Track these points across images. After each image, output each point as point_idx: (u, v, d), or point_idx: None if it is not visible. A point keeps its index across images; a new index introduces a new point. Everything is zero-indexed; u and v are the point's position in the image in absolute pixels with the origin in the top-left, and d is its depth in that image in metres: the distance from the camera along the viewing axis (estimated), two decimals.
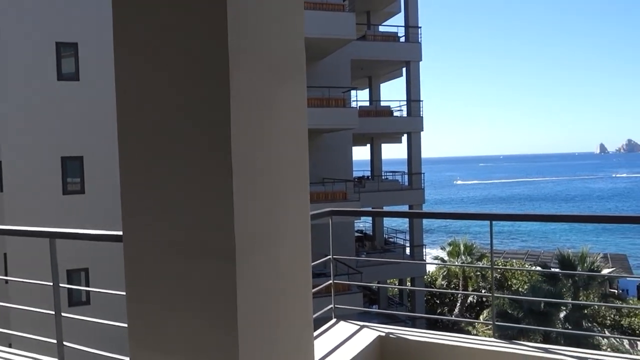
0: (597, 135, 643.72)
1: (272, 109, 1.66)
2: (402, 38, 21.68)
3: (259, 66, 1.58)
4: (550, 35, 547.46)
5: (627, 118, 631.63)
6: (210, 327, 1.52)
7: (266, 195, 1.62)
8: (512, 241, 57.21)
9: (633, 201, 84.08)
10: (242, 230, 1.50)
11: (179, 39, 1.52)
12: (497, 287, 27.18)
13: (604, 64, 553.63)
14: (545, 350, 2.97)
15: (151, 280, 1.61)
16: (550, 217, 3.43)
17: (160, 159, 1.57)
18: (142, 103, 1.59)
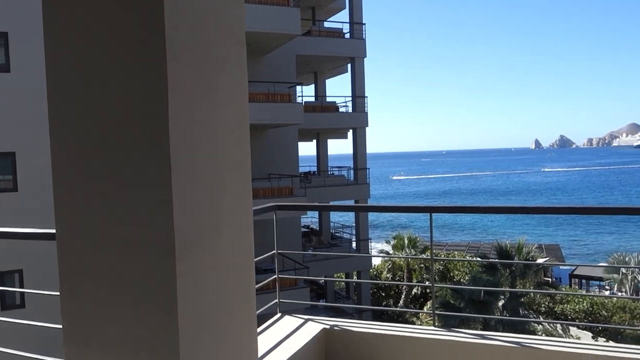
0: (533, 132, 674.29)
1: (212, 101, 1.63)
2: (347, 34, 21.86)
3: (197, 57, 1.55)
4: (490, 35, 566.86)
5: (559, 115, 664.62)
6: (150, 324, 1.48)
7: (206, 189, 1.60)
8: (454, 234, 59.07)
9: (564, 194, 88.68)
10: (182, 224, 1.47)
11: (114, 29, 1.47)
12: (440, 278, 27.99)
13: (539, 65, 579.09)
14: (482, 337, 3.09)
15: (87, 277, 1.55)
16: (486, 208, 3.58)
17: (95, 153, 1.51)
18: (75, 95, 1.53)
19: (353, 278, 23.16)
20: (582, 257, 46.86)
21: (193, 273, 1.52)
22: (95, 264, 1.54)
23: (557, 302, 25.88)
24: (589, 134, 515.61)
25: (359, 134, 21.91)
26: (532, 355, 2.94)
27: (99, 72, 1.50)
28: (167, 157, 1.43)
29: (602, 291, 32.47)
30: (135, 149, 1.47)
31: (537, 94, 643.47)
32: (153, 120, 1.44)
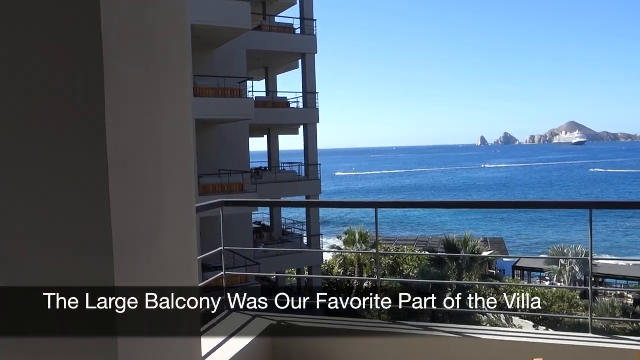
0: (479, 129, 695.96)
1: (153, 97, 1.60)
2: (298, 30, 21.84)
3: (136, 52, 1.52)
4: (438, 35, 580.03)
5: (504, 113, 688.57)
6: (87, 326, 1.45)
7: (147, 186, 1.57)
8: (404, 229, 60.23)
9: (508, 190, 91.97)
10: (120, 222, 1.44)
11: (47, 23, 1.41)
12: (390, 272, 28.52)
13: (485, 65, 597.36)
14: (425, 328, 3.19)
15: (23, 279, 1.50)
16: (428, 203, 3.68)
17: (32, 151, 1.45)
18: (8, 92, 1.46)
19: (304, 274, 23.25)
20: (525, 249, 48.81)
21: (132, 272, 1.49)
22: (30, 265, 1.49)
23: (501, 293, 26.82)
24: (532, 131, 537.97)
25: (310, 130, 21.97)
26: (472, 344, 3.06)
27: (32, 69, 1.44)
28: (104, 156, 1.39)
29: (543, 282, 33.98)
30: (70, 147, 1.42)
31: (483, 93, 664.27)
32: (89, 117, 1.40)
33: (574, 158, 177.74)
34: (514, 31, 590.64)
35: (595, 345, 2.85)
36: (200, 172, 16.98)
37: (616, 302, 26.71)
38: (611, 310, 25.18)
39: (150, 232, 1.58)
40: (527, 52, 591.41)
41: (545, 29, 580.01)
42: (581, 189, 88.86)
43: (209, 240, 16.68)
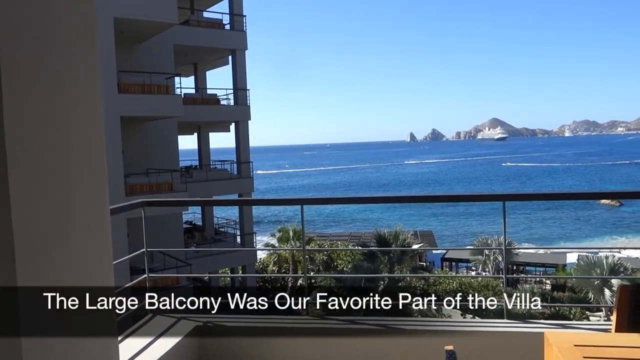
0: (408, 126, 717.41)
1: (58, 92, 1.52)
2: (227, 26, 21.50)
3: (38, 43, 1.43)
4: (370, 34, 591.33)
5: (432, 110, 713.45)
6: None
7: (53, 187, 1.49)
8: (337, 225, 61.00)
9: (437, 184, 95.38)
10: (23, 227, 1.36)
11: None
12: (324, 268, 28.80)
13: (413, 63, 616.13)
14: (352, 322, 3.25)
15: None
16: (353, 199, 3.74)
17: None
18: None
19: (238, 273, 23.01)
20: (452, 241, 50.81)
21: (39, 279, 1.42)
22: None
23: (431, 284, 27.73)
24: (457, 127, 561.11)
25: (242, 127, 21.72)
26: (396, 334, 3.15)
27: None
28: (3, 156, 1.31)
29: (469, 272, 35.54)
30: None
31: (412, 90, 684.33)
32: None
33: (497, 153, 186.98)
34: (439, 30, 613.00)
35: (507, 330, 3.02)
36: (126, 171, 16.37)
37: (535, 289, 28.44)
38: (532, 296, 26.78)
39: (58, 233, 1.51)
40: (452, 50, 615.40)
41: (469, 27, 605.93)
42: (504, 182, 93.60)
43: (139, 241, 16.11)
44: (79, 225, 1.60)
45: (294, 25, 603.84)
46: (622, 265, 24.68)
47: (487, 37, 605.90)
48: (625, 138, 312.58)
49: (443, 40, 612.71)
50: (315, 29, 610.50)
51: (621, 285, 2.05)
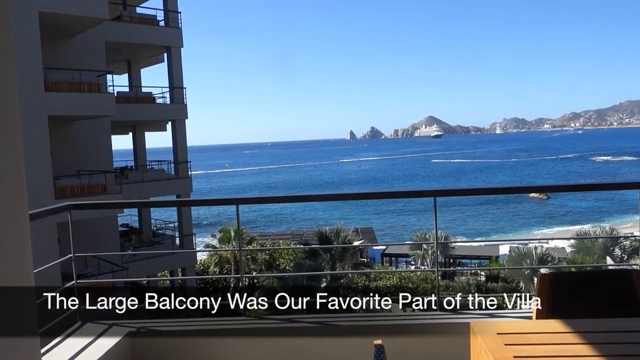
0: (348, 124, 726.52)
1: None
2: (162, 22, 20.92)
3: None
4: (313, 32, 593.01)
5: (370, 109, 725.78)
6: None
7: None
8: (280, 223, 60.90)
9: (377, 182, 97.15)
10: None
11: None
12: (267, 267, 28.65)
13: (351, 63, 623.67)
14: (289, 321, 3.24)
15: None
16: (290, 197, 3.73)
17: None
18: None
19: (178, 275, 22.48)
20: (392, 237, 51.93)
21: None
22: None
23: (372, 280, 28.16)
24: (395, 125, 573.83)
25: (179, 127, 21.21)
26: (333, 331, 3.17)
27: None
28: None
29: (409, 266, 36.42)
30: None
31: (351, 88, 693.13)
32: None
33: (434, 150, 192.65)
34: (377, 30, 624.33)
35: (437, 321, 3.11)
36: (56, 173, 15.60)
37: (471, 280, 29.53)
38: (467, 287, 27.78)
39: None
40: (389, 50, 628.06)
41: (406, 27, 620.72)
42: (441, 178, 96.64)
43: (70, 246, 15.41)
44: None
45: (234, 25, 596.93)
46: (549, 255, 26.09)
47: (423, 36, 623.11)
48: (551, 135, 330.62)
49: (381, 41, 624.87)
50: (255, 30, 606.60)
51: (541, 274, 2.16)
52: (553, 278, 2.16)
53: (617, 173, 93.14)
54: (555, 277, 2.18)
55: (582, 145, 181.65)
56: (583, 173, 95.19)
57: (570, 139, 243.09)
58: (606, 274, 2.31)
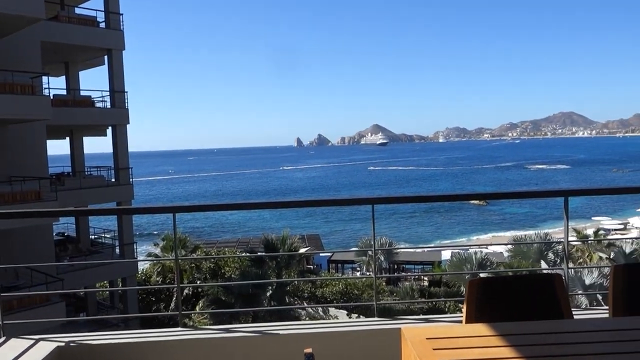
0: (295, 131, 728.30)
1: None
2: (102, 24, 20.23)
3: None
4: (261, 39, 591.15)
5: (317, 116, 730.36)
6: None
7: None
8: (225, 231, 60.07)
9: (325, 190, 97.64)
10: None
11: None
12: (212, 276, 28.12)
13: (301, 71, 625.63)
14: (227, 331, 3.18)
15: None
16: (229, 205, 3.68)
17: None
18: None
19: (118, 286, 21.72)
20: (339, 244, 52.27)
21: None
22: None
23: (318, 286, 28.21)
24: (342, 133, 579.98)
25: (119, 132, 20.52)
26: (271, 341, 3.14)
27: None
28: None
29: (354, 272, 36.77)
30: None
31: (299, 96, 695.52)
32: None
33: (379, 157, 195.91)
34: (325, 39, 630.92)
35: (371, 327, 3.14)
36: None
37: (414, 286, 30.12)
38: (411, 292, 28.32)
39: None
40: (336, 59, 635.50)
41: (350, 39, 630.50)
42: (385, 186, 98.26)
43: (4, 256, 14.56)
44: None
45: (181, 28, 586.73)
46: (488, 260, 27.03)
47: (368, 46, 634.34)
48: (490, 144, 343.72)
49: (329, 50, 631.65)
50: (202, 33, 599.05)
51: (470, 280, 2.23)
52: (481, 283, 2.24)
53: (551, 180, 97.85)
54: (483, 282, 2.26)
55: (519, 154, 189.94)
56: (519, 181, 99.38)
57: (508, 148, 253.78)
58: (531, 278, 2.42)
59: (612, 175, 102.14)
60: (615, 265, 2.39)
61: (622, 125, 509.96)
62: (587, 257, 29.04)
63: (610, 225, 45.58)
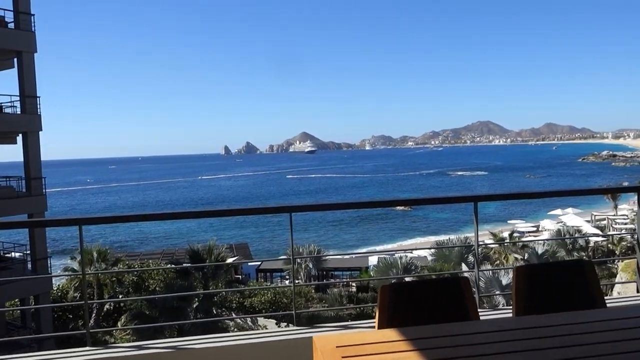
0: (223, 138, 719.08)
1: None
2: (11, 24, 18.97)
3: None
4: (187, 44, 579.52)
5: (246, 123, 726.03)
6: None
7: None
8: (149, 242, 58.01)
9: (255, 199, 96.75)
10: None
11: None
12: (135, 289, 26.97)
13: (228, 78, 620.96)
14: (139, 348, 3.03)
15: None
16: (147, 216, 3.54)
17: None
18: None
19: (31, 304, 20.31)
20: (268, 252, 51.90)
21: None
22: None
23: (247, 296, 27.82)
24: (271, 141, 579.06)
25: (31, 139, 19.26)
26: (185, 356, 3.03)
27: None
28: None
29: (283, 281, 36.61)
30: None
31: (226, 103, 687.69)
32: None
33: (308, 165, 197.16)
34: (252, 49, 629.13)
35: (290, 337, 3.12)
36: None
37: (343, 292, 30.45)
38: (339, 299, 28.60)
39: None
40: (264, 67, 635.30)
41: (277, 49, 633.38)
42: (315, 194, 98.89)
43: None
44: None
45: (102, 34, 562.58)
46: (413, 264, 27.86)
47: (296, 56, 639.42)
48: (414, 151, 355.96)
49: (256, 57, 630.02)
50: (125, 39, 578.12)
51: (382, 286, 2.25)
52: (393, 289, 2.27)
53: (471, 186, 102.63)
54: (395, 287, 2.29)
55: (442, 161, 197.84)
56: (443, 187, 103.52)
57: (432, 155, 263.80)
58: (441, 282, 2.49)
59: (525, 180, 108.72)
60: (517, 267, 2.51)
61: (533, 133, 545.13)
62: (504, 258, 30.68)
63: (524, 228, 48.41)
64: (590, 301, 2.55)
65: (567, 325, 2.12)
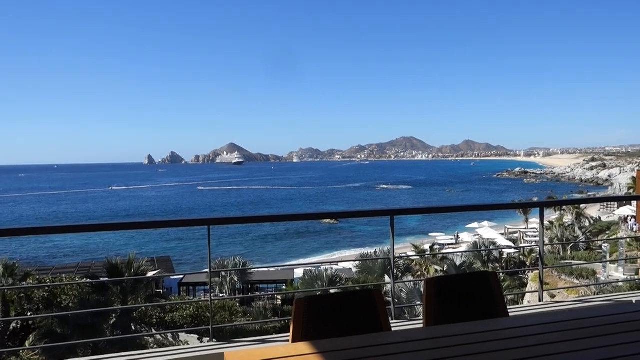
0: (146, 147, 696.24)
1: None
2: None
3: None
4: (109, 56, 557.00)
5: (171, 132, 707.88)
6: None
7: None
8: (66, 256, 54.89)
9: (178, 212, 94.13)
10: None
11: None
12: (45, 305, 25.33)
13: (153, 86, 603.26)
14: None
15: None
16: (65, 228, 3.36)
17: None
18: None
19: None
20: (191, 265, 50.63)
21: None
22: None
23: (168, 311, 26.91)
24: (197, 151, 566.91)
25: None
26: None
27: None
28: None
29: (206, 295, 35.78)
30: None
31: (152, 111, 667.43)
32: None
33: (235, 177, 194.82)
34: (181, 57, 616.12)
35: (205, 353, 3.07)
36: None
37: (268, 305, 30.21)
38: (264, 312, 28.35)
39: None
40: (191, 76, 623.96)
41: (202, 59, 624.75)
42: (241, 207, 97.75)
43: None
44: None
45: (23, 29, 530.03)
46: (338, 276, 28.17)
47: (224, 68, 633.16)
48: (341, 164, 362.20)
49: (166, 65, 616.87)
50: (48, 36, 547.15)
51: (296, 299, 2.27)
52: (307, 302, 2.30)
53: (396, 199, 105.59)
54: (309, 300, 2.32)
55: (368, 175, 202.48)
56: (369, 200, 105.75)
57: (358, 169, 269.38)
58: (354, 295, 2.54)
59: (446, 194, 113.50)
60: (427, 279, 2.62)
61: (453, 149, 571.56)
62: (425, 269, 31.76)
63: (444, 240, 50.45)
64: (494, 311, 2.71)
65: (471, 335, 2.24)
